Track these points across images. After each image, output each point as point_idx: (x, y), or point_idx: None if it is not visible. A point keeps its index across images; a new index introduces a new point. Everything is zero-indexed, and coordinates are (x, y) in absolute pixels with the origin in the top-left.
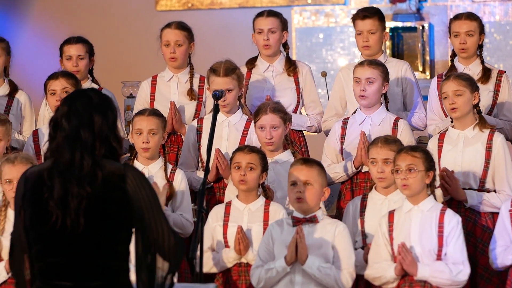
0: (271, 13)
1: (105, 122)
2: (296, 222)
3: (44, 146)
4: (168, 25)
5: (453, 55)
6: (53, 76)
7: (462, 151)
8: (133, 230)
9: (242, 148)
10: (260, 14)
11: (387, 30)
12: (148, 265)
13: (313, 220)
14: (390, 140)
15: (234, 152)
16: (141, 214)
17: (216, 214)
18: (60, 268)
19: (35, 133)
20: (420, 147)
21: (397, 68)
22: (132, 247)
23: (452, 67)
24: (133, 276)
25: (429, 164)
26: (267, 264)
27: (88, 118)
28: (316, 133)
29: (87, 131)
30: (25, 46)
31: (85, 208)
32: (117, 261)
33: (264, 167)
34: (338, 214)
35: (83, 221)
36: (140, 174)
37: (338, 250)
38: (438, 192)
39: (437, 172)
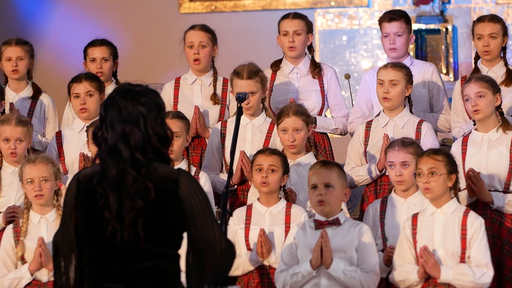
0: (296, 15)
1: (138, 131)
2: (319, 225)
3: (65, 147)
4: (192, 27)
5: (477, 57)
6: (77, 79)
7: (486, 153)
8: (184, 234)
9: (264, 150)
10: (285, 16)
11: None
12: (197, 269)
13: (336, 223)
14: (407, 143)
15: (255, 155)
16: (193, 218)
17: (237, 217)
18: (112, 270)
19: (58, 135)
20: (442, 150)
21: (424, 70)
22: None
23: (476, 70)
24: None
25: (452, 167)
26: (292, 269)
27: (122, 132)
28: (341, 136)
29: (124, 145)
30: (48, 51)
31: (143, 221)
32: (168, 263)
33: (286, 170)
34: (361, 216)
35: (143, 233)
36: (193, 179)
37: (362, 252)
38: (462, 195)
39: (461, 175)
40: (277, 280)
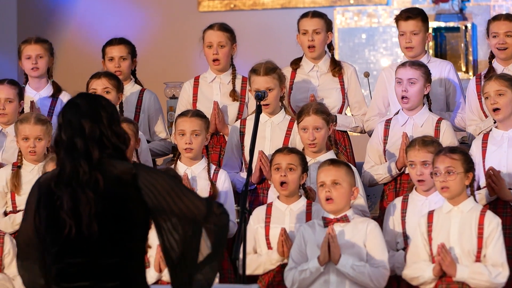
0: (315, 14)
1: (96, 125)
2: (327, 222)
3: None
4: (210, 27)
5: (491, 57)
6: (96, 76)
7: (506, 151)
8: (149, 229)
9: (282, 149)
10: (304, 15)
11: (430, 30)
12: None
13: (344, 220)
14: (427, 142)
15: (273, 154)
16: (161, 205)
17: (257, 216)
18: (78, 268)
19: None
20: (459, 149)
21: (441, 68)
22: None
23: (491, 69)
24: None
25: (468, 165)
26: (300, 266)
27: (78, 126)
28: (361, 134)
29: (80, 138)
30: (68, 49)
31: (96, 213)
32: (133, 260)
33: (304, 168)
34: (381, 214)
35: (97, 226)
36: (151, 168)
37: (370, 248)
38: (482, 193)
39: (481, 173)
40: (286, 278)
